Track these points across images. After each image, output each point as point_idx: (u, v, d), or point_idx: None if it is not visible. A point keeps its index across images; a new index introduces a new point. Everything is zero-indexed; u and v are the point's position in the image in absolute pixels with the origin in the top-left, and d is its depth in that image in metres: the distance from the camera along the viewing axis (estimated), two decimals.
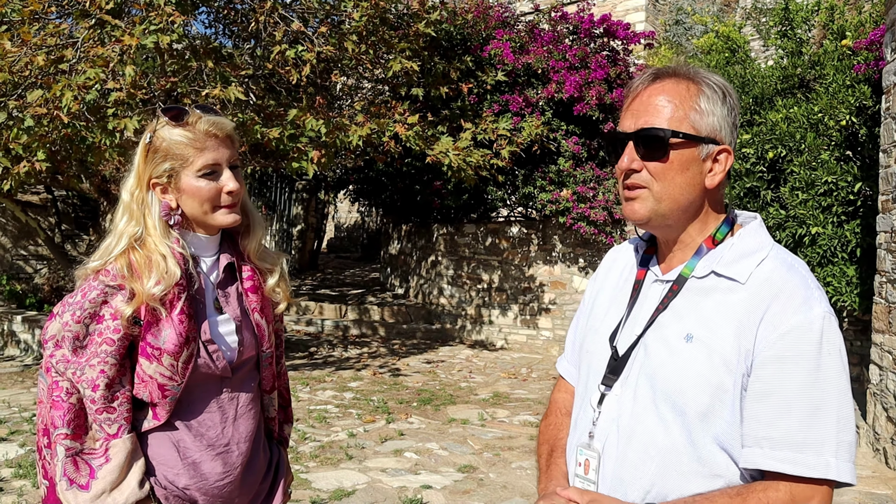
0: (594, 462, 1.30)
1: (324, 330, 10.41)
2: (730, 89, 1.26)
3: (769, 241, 1.26)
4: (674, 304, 1.26)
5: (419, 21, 7.83)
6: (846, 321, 7.24)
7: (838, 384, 1.15)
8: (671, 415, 1.21)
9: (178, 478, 1.59)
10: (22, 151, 5.92)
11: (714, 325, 1.20)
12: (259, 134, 6.50)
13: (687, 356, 1.21)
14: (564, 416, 1.49)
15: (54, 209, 11.50)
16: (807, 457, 1.13)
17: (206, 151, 1.57)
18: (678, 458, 1.20)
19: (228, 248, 1.71)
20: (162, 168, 1.57)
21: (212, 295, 1.66)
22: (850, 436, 1.15)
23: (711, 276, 1.25)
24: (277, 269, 1.76)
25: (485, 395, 6.79)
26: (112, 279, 1.52)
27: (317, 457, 4.83)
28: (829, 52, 7.06)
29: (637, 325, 1.30)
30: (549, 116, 8.80)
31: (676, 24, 13.72)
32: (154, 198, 1.59)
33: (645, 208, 1.25)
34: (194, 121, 1.58)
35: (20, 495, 3.98)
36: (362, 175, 11.43)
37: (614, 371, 1.31)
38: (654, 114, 1.24)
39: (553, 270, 9.42)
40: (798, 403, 1.14)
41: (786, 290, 1.17)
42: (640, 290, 1.34)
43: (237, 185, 1.61)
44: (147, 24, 5.81)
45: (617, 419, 1.28)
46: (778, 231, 6.90)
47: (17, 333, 9.47)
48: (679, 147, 1.23)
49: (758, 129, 7.07)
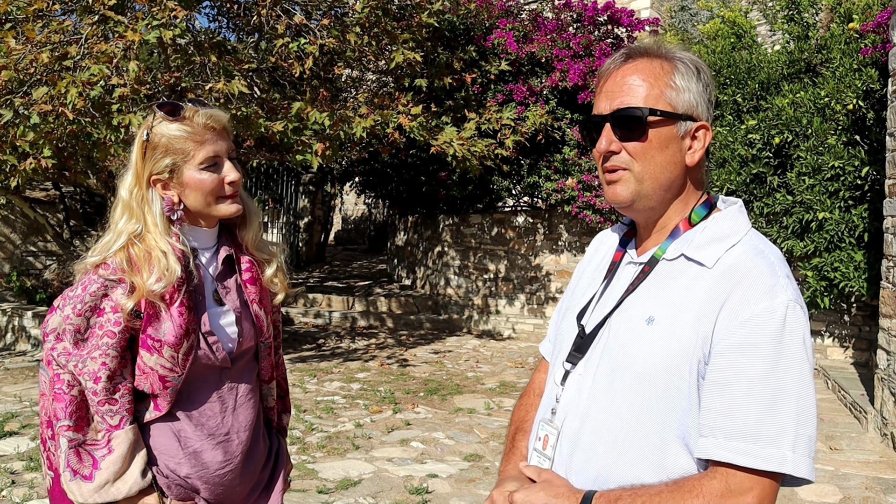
0: (552, 438, 1.29)
1: (331, 321, 10.44)
2: (703, 66, 1.24)
3: (745, 226, 1.23)
4: (642, 286, 1.24)
5: (422, 11, 7.81)
6: (854, 306, 7.21)
7: (800, 375, 1.10)
8: (626, 399, 1.19)
9: (180, 467, 1.61)
10: (28, 148, 5.96)
11: (676, 310, 1.17)
12: (263, 127, 6.51)
13: (646, 339, 1.18)
14: (536, 398, 1.48)
15: (62, 205, 11.56)
16: (762, 449, 1.09)
17: (206, 144, 1.59)
18: (628, 445, 1.18)
19: (227, 240, 1.72)
20: (163, 164, 1.57)
21: (211, 287, 1.67)
22: (810, 429, 1.11)
23: (681, 259, 1.22)
24: (274, 260, 1.77)
25: (491, 385, 6.81)
26: (112, 273, 1.54)
27: (324, 447, 4.86)
28: (836, 36, 7.00)
29: (606, 305, 1.29)
30: (553, 105, 8.77)
31: (682, 10, 13.62)
32: (155, 194, 1.60)
33: (627, 190, 1.23)
34: (191, 115, 1.59)
35: (31, 487, 4.03)
36: (368, 167, 11.44)
37: (579, 349, 1.30)
38: (629, 93, 1.22)
39: (559, 259, 9.41)
40: (756, 393, 1.09)
41: (750, 276, 1.14)
42: (615, 272, 1.33)
43: (238, 175, 1.63)
44: (150, 19, 5.82)
45: (576, 398, 1.27)
46: (785, 216, 6.87)
47: (27, 329, 9.55)
48: (657, 125, 1.21)
49: (764, 114, 7.03)
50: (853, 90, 6.35)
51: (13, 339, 9.78)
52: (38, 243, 11.76)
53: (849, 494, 4.13)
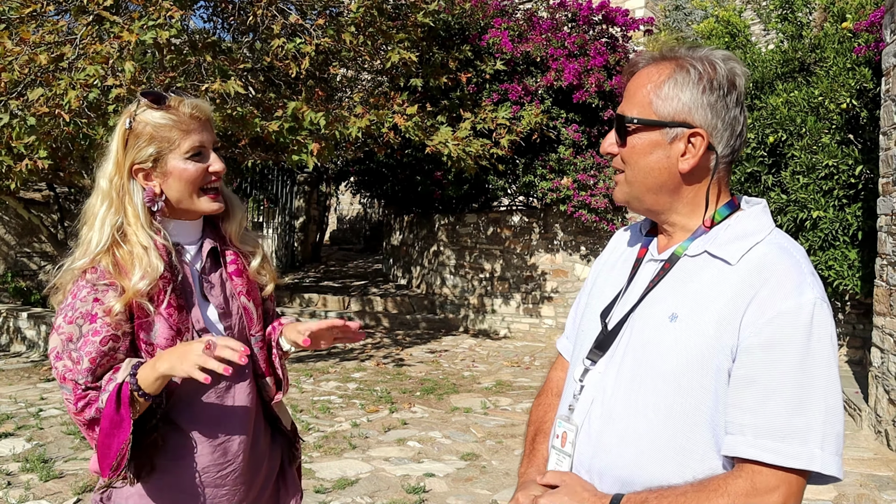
0: (571, 435, 1.29)
1: None
2: (716, 69, 1.22)
3: (769, 225, 1.23)
4: (663, 283, 1.25)
5: (417, 11, 7.82)
6: (848, 304, 7.24)
7: (827, 373, 1.10)
8: (650, 398, 1.19)
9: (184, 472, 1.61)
10: (24, 149, 5.94)
11: (699, 306, 1.17)
12: (259, 127, 6.50)
13: (669, 336, 1.18)
14: (556, 397, 1.48)
15: (56, 206, 11.53)
16: (790, 447, 1.08)
17: (192, 133, 1.57)
18: (654, 445, 1.17)
19: (210, 234, 1.70)
20: (146, 153, 1.55)
21: (198, 283, 1.65)
22: (838, 427, 1.10)
23: (704, 256, 1.23)
24: (259, 251, 1.76)
25: (488, 384, 6.82)
26: (101, 277, 1.51)
27: (320, 447, 4.87)
28: (830, 35, 7.02)
29: (628, 303, 1.30)
30: (548, 105, 8.78)
31: (676, 10, 13.65)
32: (136, 185, 1.57)
33: (621, 191, 1.30)
34: (176, 104, 1.57)
35: (27, 489, 4.02)
36: (363, 167, 11.43)
37: (600, 346, 1.30)
38: (628, 99, 1.27)
39: (555, 259, 9.43)
40: (784, 391, 1.09)
41: (777, 274, 1.14)
42: (638, 269, 1.34)
43: (222, 165, 1.62)
44: (146, 19, 5.81)
45: (598, 396, 1.27)
46: (779, 215, 6.89)
47: (22, 330, 9.52)
48: (637, 132, 1.25)
49: (758, 113, 7.05)
50: (847, 89, 6.38)
51: (8, 341, 9.75)
52: (32, 244, 11.72)
53: (843, 492, 4.15)
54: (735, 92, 1.22)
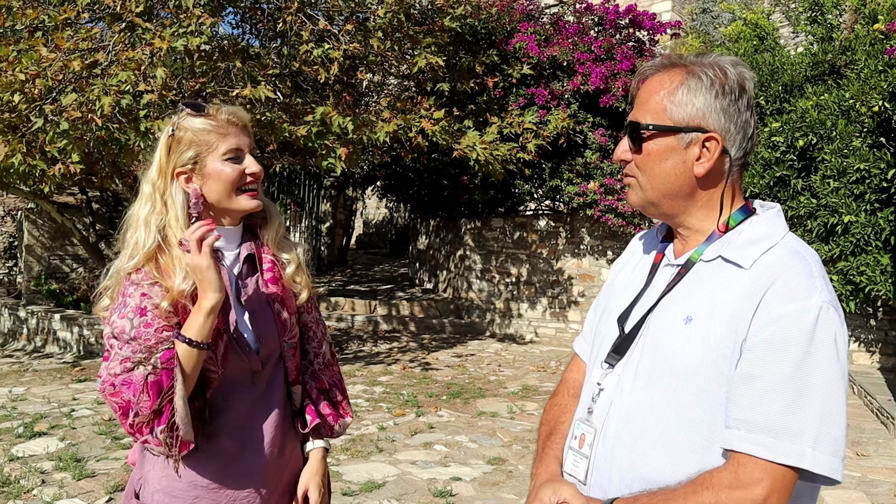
0: (590, 437, 1.32)
1: (354, 325, 10.50)
2: (727, 74, 1.24)
3: (783, 230, 1.25)
4: (679, 287, 1.28)
5: (444, 16, 7.85)
6: (880, 310, 7.13)
7: (828, 375, 1.11)
8: (667, 399, 1.21)
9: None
10: (57, 154, 6.07)
11: (714, 309, 1.20)
12: (287, 132, 6.57)
13: (685, 338, 1.21)
14: (571, 398, 1.50)
15: (88, 210, 11.73)
16: (780, 443, 1.10)
17: (229, 137, 1.64)
18: (673, 445, 1.20)
19: (249, 240, 1.75)
20: (187, 156, 1.62)
21: (234, 288, 1.69)
22: (836, 429, 1.11)
23: (718, 261, 1.25)
24: (295, 259, 1.79)
25: (514, 389, 6.81)
26: (145, 277, 1.57)
27: (347, 450, 4.90)
28: (861, 37, 6.93)
29: (645, 306, 1.32)
30: (575, 109, 8.77)
31: (703, 13, 13.54)
32: (178, 188, 1.63)
33: (635, 196, 1.33)
34: (214, 111, 1.66)
35: (61, 487, 4.10)
36: (390, 171, 11.48)
37: (618, 350, 1.32)
38: (641, 107, 1.29)
39: (581, 263, 9.39)
40: (781, 389, 1.11)
41: (786, 276, 1.16)
42: (655, 273, 1.36)
43: (259, 168, 1.68)
44: (177, 26, 5.91)
45: (616, 398, 1.29)
46: (809, 220, 6.80)
47: (56, 331, 9.70)
48: (652, 138, 1.26)
49: (787, 117, 6.97)
50: (879, 92, 6.28)
51: (42, 342, 9.93)
52: (65, 247, 11.93)
53: (877, 501, 4.09)
54: (745, 96, 1.25)
